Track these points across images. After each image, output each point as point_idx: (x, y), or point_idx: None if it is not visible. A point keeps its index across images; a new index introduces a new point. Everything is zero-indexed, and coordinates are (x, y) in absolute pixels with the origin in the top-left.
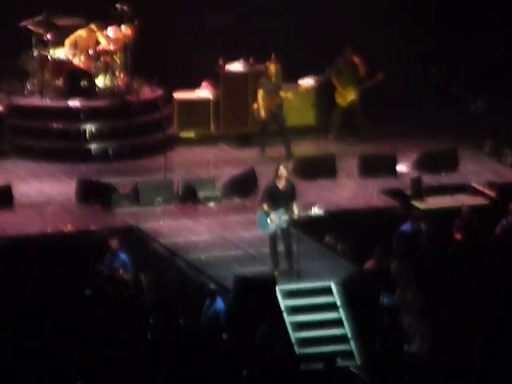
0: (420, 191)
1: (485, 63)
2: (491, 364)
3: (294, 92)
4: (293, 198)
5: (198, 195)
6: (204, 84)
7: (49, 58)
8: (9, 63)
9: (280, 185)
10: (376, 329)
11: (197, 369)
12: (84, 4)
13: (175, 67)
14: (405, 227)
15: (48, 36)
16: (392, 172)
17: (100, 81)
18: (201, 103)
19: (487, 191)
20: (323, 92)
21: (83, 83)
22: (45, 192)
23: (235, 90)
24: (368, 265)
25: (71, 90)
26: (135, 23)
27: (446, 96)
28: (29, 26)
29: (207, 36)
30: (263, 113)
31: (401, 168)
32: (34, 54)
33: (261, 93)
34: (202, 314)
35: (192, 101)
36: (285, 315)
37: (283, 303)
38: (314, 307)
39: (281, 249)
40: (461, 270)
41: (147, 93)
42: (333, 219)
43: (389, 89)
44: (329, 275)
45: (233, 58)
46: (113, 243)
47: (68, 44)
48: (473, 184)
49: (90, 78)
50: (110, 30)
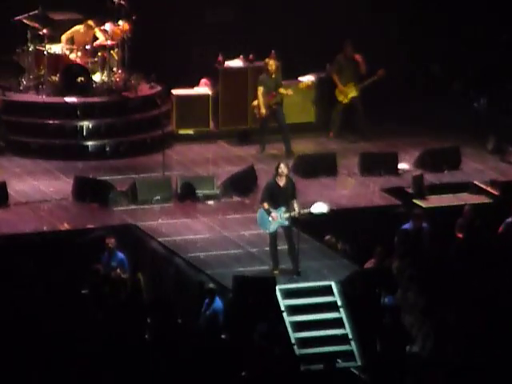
0: (422, 189)
1: (487, 61)
2: (493, 364)
3: (295, 89)
4: (293, 196)
5: (197, 193)
6: (203, 81)
7: (45, 54)
8: (4, 58)
9: (281, 182)
10: (377, 329)
11: (195, 369)
12: None
13: (174, 63)
14: (406, 226)
15: (44, 31)
16: (393, 170)
17: (97, 77)
18: (200, 100)
19: (490, 189)
20: (324, 89)
21: (80, 79)
22: (41, 190)
23: (235, 87)
24: (369, 264)
25: (68, 86)
26: (133, 18)
27: (449, 94)
28: (24, 21)
29: (207, 32)
30: (263, 110)
31: (402, 166)
32: (30, 49)
33: (260, 90)
34: (201, 314)
35: (191, 97)
36: (285, 315)
37: (283, 303)
38: (315, 307)
39: (281, 248)
40: (463, 270)
41: (145, 89)
42: (333, 218)
43: (390, 86)
44: (329, 275)
45: (232, 55)
46: (110, 242)
47: (65, 39)
48: (475, 182)
49: (87, 74)
50: (108, 25)
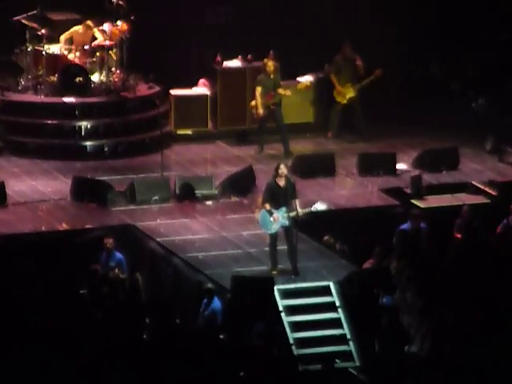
0: (420, 190)
1: (487, 61)
2: (491, 364)
3: (293, 89)
4: (294, 196)
5: (196, 193)
6: (201, 81)
7: (43, 54)
8: (2, 58)
9: (281, 183)
10: (375, 329)
11: (194, 369)
12: None
13: (172, 64)
14: (405, 226)
15: (42, 31)
16: (392, 170)
17: (95, 77)
18: (198, 100)
19: (488, 190)
20: (322, 89)
21: (78, 79)
22: (39, 190)
23: (233, 87)
24: (367, 264)
25: (66, 86)
26: (131, 18)
27: (447, 94)
28: (23, 21)
29: (205, 32)
30: (261, 110)
31: (401, 166)
32: (28, 50)
33: (259, 90)
34: (199, 314)
35: (189, 98)
36: (283, 315)
37: (281, 303)
38: (313, 307)
39: (280, 248)
40: (461, 270)
41: (143, 89)
42: (332, 218)
43: (389, 86)
44: (328, 275)
45: (231, 55)
46: (108, 242)
47: (64, 39)
48: (474, 182)
49: (86, 74)
50: (106, 26)
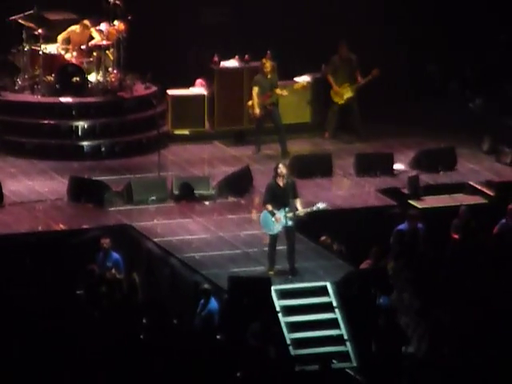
0: (417, 190)
1: (484, 61)
2: (488, 365)
3: (290, 89)
4: (295, 195)
5: (195, 193)
6: (198, 81)
7: (40, 54)
8: None
9: (281, 183)
10: (372, 330)
11: (190, 370)
12: None
13: (169, 64)
14: (402, 227)
15: (39, 31)
16: (389, 171)
17: (92, 77)
18: (195, 100)
19: (485, 190)
20: (319, 89)
21: (75, 79)
22: (36, 190)
23: (230, 87)
24: (364, 265)
25: (63, 86)
26: (128, 18)
27: (444, 94)
28: (19, 21)
29: (202, 32)
30: (257, 110)
31: (398, 167)
32: (25, 49)
33: (256, 90)
34: (196, 315)
35: (186, 98)
36: (280, 316)
37: (278, 303)
38: (310, 308)
39: (278, 248)
40: (458, 271)
41: (140, 89)
42: (329, 218)
43: (386, 87)
44: (325, 275)
45: (228, 55)
46: (105, 242)
47: (61, 39)
48: (471, 183)
49: (83, 74)
50: (103, 26)
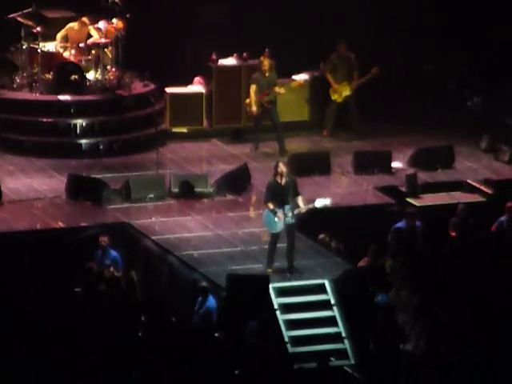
0: (415, 188)
1: (482, 60)
2: (486, 363)
3: (287, 87)
4: (296, 193)
5: (194, 191)
6: (197, 79)
7: (38, 51)
8: None
9: (281, 181)
10: (370, 327)
11: (189, 367)
12: None
13: (167, 62)
14: (400, 225)
15: (38, 29)
16: (387, 169)
17: (91, 75)
18: (193, 98)
19: (483, 188)
20: (317, 87)
21: (74, 77)
22: (34, 188)
23: (228, 85)
24: (362, 263)
25: (61, 84)
26: (127, 16)
27: (443, 92)
28: (18, 19)
29: (201, 30)
30: (254, 108)
31: (396, 165)
32: (24, 47)
33: (253, 88)
34: (194, 312)
35: (184, 96)
36: (278, 313)
37: (276, 301)
38: (308, 305)
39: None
40: (456, 269)
41: (139, 87)
42: (327, 216)
43: (385, 85)
44: (323, 273)
45: (226, 53)
46: (103, 240)
47: (59, 37)
48: (469, 181)
49: (81, 72)
50: (102, 24)
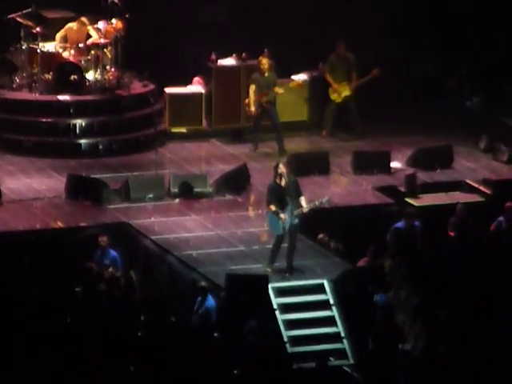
0: (414, 188)
1: (481, 60)
2: (485, 363)
3: (286, 87)
4: (298, 193)
5: (194, 192)
6: (196, 79)
7: (38, 52)
8: None
9: (282, 182)
10: (369, 327)
11: (188, 367)
12: None
13: (167, 62)
14: (399, 225)
15: (37, 29)
16: (386, 169)
17: (90, 75)
18: (193, 98)
19: (482, 188)
20: (317, 87)
21: (73, 77)
22: (34, 187)
23: (228, 85)
24: (361, 262)
25: (61, 84)
26: (126, 17)
27: (442, 92)
28: (17, 19)
29: (200, 30)
30: (252, 108)
31: (395, 165)
32: (23, 47)
33: (253, 88)
34: (193, 312)
35: (184, 96)
36: (277, 313)
37: (275, 301)
38: (307, 305)
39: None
40: (455, 268)
41: (138, 87)
42: (326, 216)
43: (384, 85)
44: (322, 273)
45: (225, 53)
46: (103, 240)
47: (59, 37)
48: (468, 181)
49: (80, 72)
50: (101, 24)
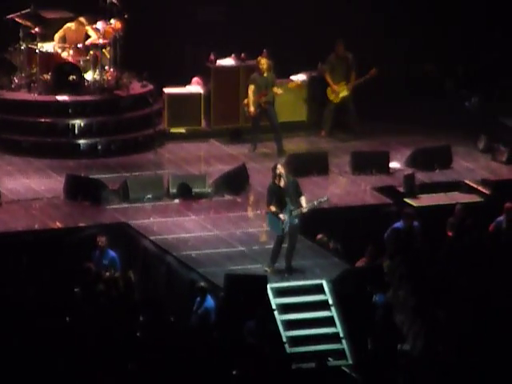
0: (413, 188)
1: (480, 60)
2: (484, 363)
3: (285, 88)
4: (299, 193)
5: (192, 192)
6: (195, 79)
7: (37, 52)
8: None
9: (280, 183)
10: (368, 328)
11: (187, 367)
12: None
13: (166, 62)
14: (398, 225)
15: (36, 29)
16: (385, 169)
17: (89, 75)
18: (191, 98)
19: (481, 188)
20: (315, 88)
21: (72, 77)
22: (32, 188)
23: (226, 85)
24: (360, 263)
25: (60, 85)
26: (125, 17)
27: (440, 93)
28: (16, 19)
29: (198, 31)
30: (251, 108)
31: (394, 165)
32: (22, 48)
33: (252, 88)
34: (192, 312)
35: (182, 96)
36: (276, 313)
37: (274, 301)
38: (306, 305)
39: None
40: (454, 268)
41: (137, 88)
42: (325, 217)
43: (383, 85)
44: (321, 273)
45: (224, 53)
46: (101, 240)
47: (57, 38)
48: (467, 181)
49: (79, 73)
50: (100, 24)
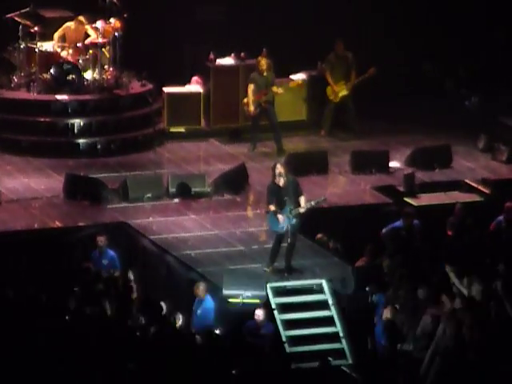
0: (413, 188)
1: (479, 60)
2: (484, 363)
3: (285, 87)
4: (299, 193)
5: (192, 192)
6: (194, 79)
7: (36, 51)
8: None
9: (280, 183)
10: (368, 327)
11: (186, 367)
12: None
13: (165, 61)
14: (397, 224)
15: (35, 28)
16: (385, 168)
17: (88, 74)
18: (191, 98)
19: (481, 188)
20: (315, 87)
21: (71, 77)
22: (32, 187)
23: (226, 85)
24: (360, 262)
25: (59, 84)
26: (124, 16)
27: (440, 92)
28: (16, 18)
29: (198, 30)
30: (251, 107)
31: (394, 164)
32: (21, 47)
33: (251, 87)
34: (192, 312)
35: (182, 95)
36: (276, 313)
37: (274, 301)
38: (306, 305)
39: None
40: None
41: (136, 87)
42: (325, 216)
43: (382, 85)
44: (321, 273)
45: (224, 53)
46: (101, 240)
47: (57, 37)
48: (467, 180)
49: (79, 72)
50: (99, 23)
